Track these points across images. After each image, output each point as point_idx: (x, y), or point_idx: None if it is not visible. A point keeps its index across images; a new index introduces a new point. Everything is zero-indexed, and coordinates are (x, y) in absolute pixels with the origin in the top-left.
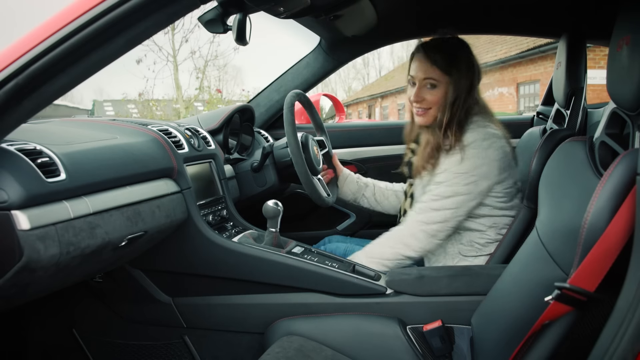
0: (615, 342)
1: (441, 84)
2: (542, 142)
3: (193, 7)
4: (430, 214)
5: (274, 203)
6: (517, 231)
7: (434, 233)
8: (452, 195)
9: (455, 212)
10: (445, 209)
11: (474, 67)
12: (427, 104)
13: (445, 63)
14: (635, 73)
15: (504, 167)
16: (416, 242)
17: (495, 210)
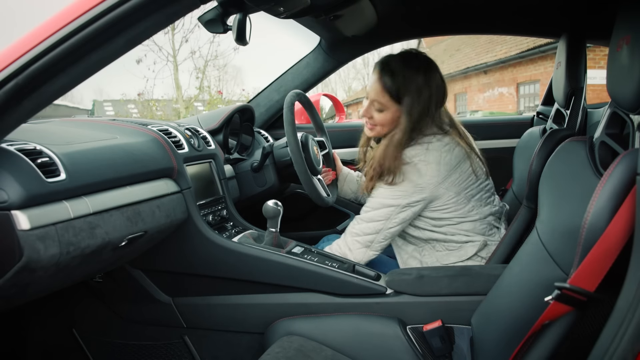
0: (615, 342)
1: (389, 109)
2: (542, 142)
3: (193, 7)
4: (362, 225)
5: (274, 203)
6: (517, 231)
7: (367, 244)
8: (380, 207)
9: (385, 223)
10: (375, 220)
11: (431, 91)
12: (374, 122)
13: (396, 90)
14: (635, 73)
15: (437, 182)
16: (351, 253)
17: (445, 220)
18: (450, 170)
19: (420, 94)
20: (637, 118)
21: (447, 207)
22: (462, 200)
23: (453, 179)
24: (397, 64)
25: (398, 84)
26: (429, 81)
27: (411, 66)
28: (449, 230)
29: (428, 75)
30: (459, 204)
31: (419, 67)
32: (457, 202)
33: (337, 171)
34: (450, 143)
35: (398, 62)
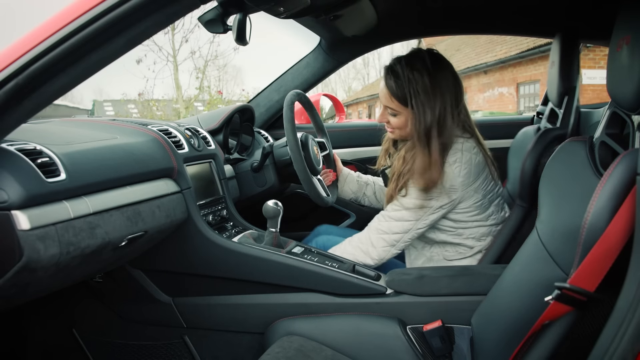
0: (615, 342)
1: (402, 114)
2: (535, 141)
3: (193, 7)
4: (390, 224)
5: (274, 203)
6: (510, 230)
7: (393, 243)
8: (413, 207)
9: (415, 224)
10: (405, 220)
11: (441, 90)
12: (391, 126)
13: (402, 94)
14: (635, 73)
15: (468, 183)
16: (374, 250)
17: (467, 223)
18: (479, 173)
19: (428, 95)
20: (637, 118)
21: (471, 210)
22: (485, 204)
23: (480, 181)
24: (401, 67)
25: (403, 88)
26: (437, 81)
27: (415, 67)
28: (464, 232)
29: (435, 74)
30: (482, 207)
31: (423, 68)
32: (481, 206)
33: (337, 172)
34: (477, 145)
35: (402, 65)
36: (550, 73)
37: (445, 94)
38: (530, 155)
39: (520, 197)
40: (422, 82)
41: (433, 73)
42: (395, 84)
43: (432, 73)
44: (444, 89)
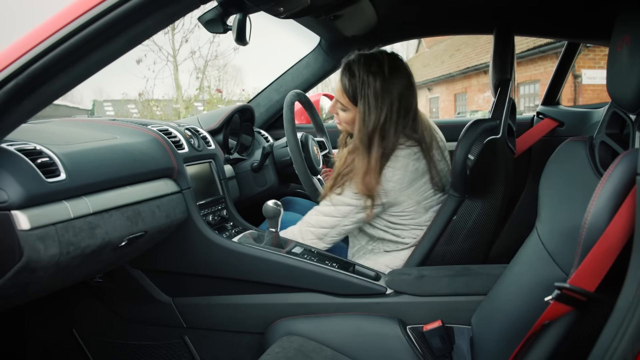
0: (615, 342)
1: (350, 110)
2: (465, 131)
3: (193, 7)
4: (318, 218)
5: (274, 203)
6: (442, 220)
7: (320, 236)
8: (340, 204)
9: (341, 220)
10: (332, 215)
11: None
12: (339, 119)
13: (352, 92)
14: (635, 73)
15: (400, 189)
16: (303, 242)
17: (401, 225)
18: (415, 180)
19: (377, 100)
20: (637, 118)
21: (405, 215)
22: (420, 210)
23: (415, 188)
24: (357, 66)
25: (355, 87)
26: (389, 87)
27: (370, 70)
28: (402, 234)
29: (390, 81)
30: (417, 213)
31: (379, 72)
32: (415, 211)
33: None
34: (418, 152)
35: (359, 64)
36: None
37: (394, 102)
38: (460, 146)
39: (453, 187)
40: (374, 86)
41: (387, 78)
42: (349, 82)
43: (387, 78)
44: (394, 96)
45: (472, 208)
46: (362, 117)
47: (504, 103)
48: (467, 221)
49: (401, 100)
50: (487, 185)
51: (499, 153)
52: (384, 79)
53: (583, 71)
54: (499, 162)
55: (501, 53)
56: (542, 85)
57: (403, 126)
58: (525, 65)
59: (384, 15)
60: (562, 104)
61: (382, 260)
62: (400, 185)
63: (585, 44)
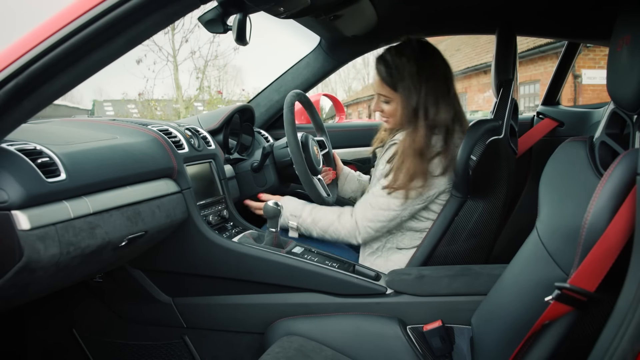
0: (615, 342)
1: (393, 100)
2: (468, 131)
3: (193, 7)
4: (378, 213)
5: (274, 203)
6: (445, 219)
7: (379, 229)
8: (401, 197)
9: (401, 213)
10: (392, 209)
11: (428, 75)
12: (385, 114)
13: (391, 79)
14: (635, 73)
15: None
16: (360, 236)
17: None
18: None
19: (414, 80)
20: (637, 118)
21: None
22: None
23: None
24: (390, 54)
25: (392, 73)
26: (424, 68)
27: (403, 54)
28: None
29: (423, 62)
30: None
31: (411, 55)
32: None
33: (338, 171)
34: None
35: (391, 52)
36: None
37: (430, 81)
38: (463, 146)
39: (455, 187)
40: (409, 67)
41: (421, 60)
42: (385, 70)
43: (419, 60)
44: (431, 76)
45: (474, 208)
46: (404, 99)
47: (506, 103)
48: (469, 221)
49: (439, 79)
50: (490, 186)
51: (501, 153)
52: (417, 60)
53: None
54: (501, 163)
55: (503, 53)
56: (542, 85)
57: (451, 101)
58: (525, 65)
59: (384, 15)
60: (562, 104)
61: (393, 257)
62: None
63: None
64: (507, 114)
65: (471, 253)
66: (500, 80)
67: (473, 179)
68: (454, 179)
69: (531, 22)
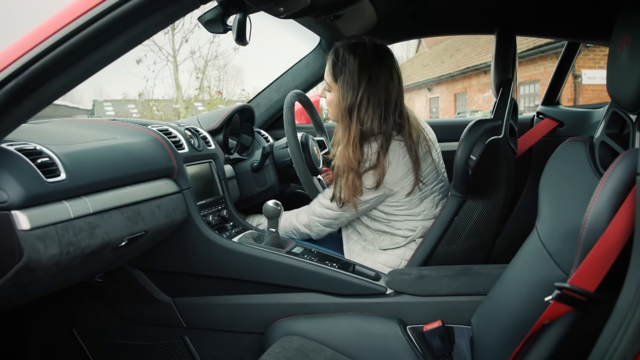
0: (615, 342)
1: (333, 90)
2: (467, 131)
3: (193, 7)
4: (323, 210)
5: (274, 203)
6: (444, 219)
7: (327, 225)
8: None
9: (343, 213)
10: (334, 210)
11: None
12: (327, 102)
13: (334, 69)
14: (635, 73)
15: (394, 181)
16: (313, 231)
17: (397, 216)
18: (408, 172)
19: (353, 78)
20: (637, 118)
21: (400, 205)
22: (415, 200)
23: (408, 180)
24: (343, 47)
25: (336, 64)
26: (368, 70)
27: (353, 51)
28: (396, 225)
29: (370, 64)
30: (412, 203)
31: (361, 54)
32: (410, 201)
33: None
34: (408, 142)
35: (344, 46)
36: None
37: (370, 85)
38: (462, 146)
39: (455, 187)
40: (352, 65)
41: (367, 62)
42: (333, 60)
43: (366, 61)
44: (371, 79)
45: (473, 208)
46: (342, 94)
47: (505, 103)
48: (468, 221)
49: (382, 86)
50: (489, 186)
51: (501, 153)
52: (363, 61)
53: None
54: (501, 163)
55: (503, 53)
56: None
57: (385, 117)
58: (525, 65)
59: (384, 15)
60: (562, 104)
61: (379, 259)
62: (394, 177)
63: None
64: (506, 114)
65: (471, 253)
66: (500, 80)
67: (473, 179)
68: (452, 179)
69: (531, 22)
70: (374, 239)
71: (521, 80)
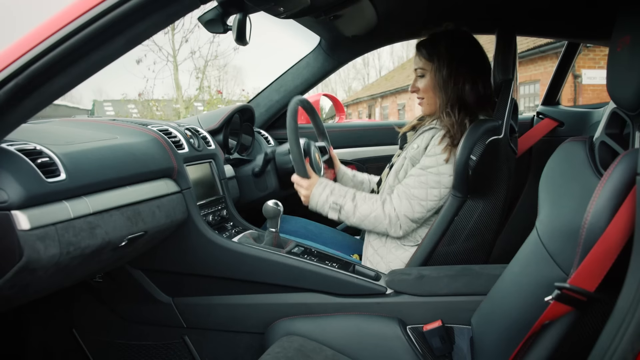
0: (615, 342)
1: (428, 72)
2: (468, 131)
3: (193, 7)
4: (414, 204)
5: (274, 203)
6: (444, 219)
7: (417, 220)
8: (437, 186)
9: (437, 203)
10: (429, 199)
11: (462, 59)
12: (420, 93)
13: (427, 51)
14: (635, 73)
15: None
16: (401, 229)
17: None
18: None
19: (453, 53)
20: (637, 118)
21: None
22: None
23: None
24: (429, 37)
25: (427, 47)
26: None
27: (441, 34)
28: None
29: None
30: None
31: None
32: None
33: (335, 169)
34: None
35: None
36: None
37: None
38: (462, 146)
39: (455, 187)
40: (452, 47)
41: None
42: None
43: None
44: (466, 60)
45: (473, 208)
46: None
47: (506, 103)
48: (468, 221)
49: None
50: (489, 186)
51: (501, 153)
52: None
53: (583, 71)
54: (501, 163)
55: (503, 53)
56: (542, 85)
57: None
58: (525, 65)
59: (384, 15)
60: (562, 104)
61: (396, 252)
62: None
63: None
64: (506, 114)
65: (471, 253)
66: (500, 80)
67: (473, 179)
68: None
69: (531, 22)
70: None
71: (521, 80)
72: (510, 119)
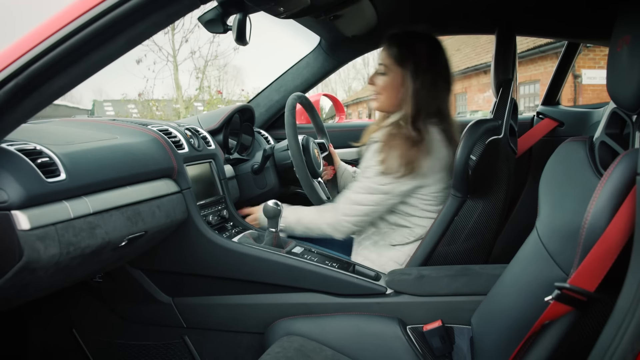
0: (615, 342)
1: (391, 72)
2: (467, 131)
3: (193, 7)
4: (354, 207)
5: (274, 203)
6: (444, 219)
7: (356, 223)
8: (374, 192)
9: (375, 208)
10: (366, 204)
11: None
12: (377, 89)
13: (400, 53)
14: (635, 73)
15: (431, 173)
16: (339, 233)
17: (422, 211)
18: (444, 166)
19: (426, 61)
20: (637, 118)
21: (428, 200)
22: (441, 197)
23: (444, 174)
24: (404, 34)
25: (402, 49)
26: (437, 55)
27: (417, 37)
28: (415, 221)
29: (435, 51)
30: (438, 200)
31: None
32: (437, 198)
33: (335, 166)
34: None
35: (405, 33)
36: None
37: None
38: (462, 146)
39: (455, 187)
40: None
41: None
42: (397, 45)
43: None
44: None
45: (473, 208)
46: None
47: (505, 103)
48: (468, 221)
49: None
50: (489, 186)
51: (501, 153)
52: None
53: (583, 71)
54: (501, 163)
55: (503, 53)
56: (542, 85)
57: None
58: (525, 65)
59: (384, 15)
60: (562, 104)
61: (387, 254)
62: (433, 168)
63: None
64: (506, 114)
65: (471, 253)
66: (499, 80)
67: (473, 179)
68: (452, 179)
69: (531, 22)
70: (386, 233)
71: (521, 80)
72: (510, 119)
